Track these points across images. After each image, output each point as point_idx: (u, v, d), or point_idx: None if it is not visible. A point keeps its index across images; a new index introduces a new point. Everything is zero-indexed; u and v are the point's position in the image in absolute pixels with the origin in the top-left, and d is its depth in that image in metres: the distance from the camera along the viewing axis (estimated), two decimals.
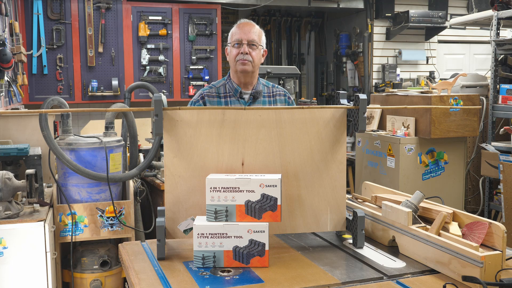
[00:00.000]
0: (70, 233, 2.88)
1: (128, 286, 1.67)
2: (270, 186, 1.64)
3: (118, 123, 3.42)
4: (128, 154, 3.32)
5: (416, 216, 1.82)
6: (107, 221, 2.94)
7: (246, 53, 2.47)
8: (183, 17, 5.97)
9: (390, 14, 6.61)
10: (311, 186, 1.84)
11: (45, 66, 5.53)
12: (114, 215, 2.94)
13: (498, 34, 4.49)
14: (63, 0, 5.56)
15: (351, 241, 1.89)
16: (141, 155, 3.62)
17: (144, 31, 5.80)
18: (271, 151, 1.81)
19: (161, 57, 5.90)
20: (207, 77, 6.04)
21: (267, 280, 1.54)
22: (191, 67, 6.02)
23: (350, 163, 5.56)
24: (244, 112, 1.80)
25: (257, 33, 2.51)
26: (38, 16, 5.45)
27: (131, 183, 3.14)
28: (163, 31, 5.89)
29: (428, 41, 6.89)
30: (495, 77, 4.49)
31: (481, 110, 4.71)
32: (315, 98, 6.83)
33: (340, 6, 6.58)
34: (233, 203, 1.64)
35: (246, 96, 2.57)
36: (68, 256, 3.00)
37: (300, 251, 1.81)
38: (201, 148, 1.79)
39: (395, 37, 6.72)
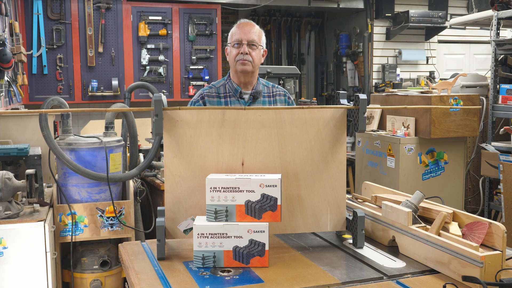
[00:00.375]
0: (70, 233, 2.88)
1: (128, 286, 1.67)
2: (270, 186, 1.64)
3: (118, 123, 3.42)
4: (128, 154, 3.32)
5: (416, 216, 1.82)
6: (107, 221, 2.94)
7: (246, 53, 2.46)
8: (183, 17, 5.97)
9: (390, 14, 6.61)
10: (311, 186, 1.84)
11: (45, 66, 5.53)
12: (114, 215, 2.94)
13: (498, 34, 4.49)
14: (63, 0, 5.55)
15: (351, 241, 1.89)
16: (141, 155, 3.62)
17: (144, 31, 5.80)
18: (271, 151, 1.81)
19: (161, 57, 5.90)
20: (207, 77, 6.04)
21: (267, 280, 1.54)
22: (191, 67, 6.02)
23: (350, 163, 5.56)
24: (244, 112, 1.80)
25: (257, 33, 2.51)
26: (38, 16, 5.45)
27: (131, 183, 3.14)
28: (163, 31, 5.88)
29: (428, 41, 6.89)
30: (495, 77, 4.49)
31: (481, 110, 4.71)
32: (315, 98, 6.83)
33: (340, 6, 6.58)
34: (233, 203, 1.64)
35: (246, 96, 2.57)
36: (68, 256, 3.00)
37: (300, 251, 1.81)
38: (201, 148, 1.79)
39: (395, 37, 6.72)
